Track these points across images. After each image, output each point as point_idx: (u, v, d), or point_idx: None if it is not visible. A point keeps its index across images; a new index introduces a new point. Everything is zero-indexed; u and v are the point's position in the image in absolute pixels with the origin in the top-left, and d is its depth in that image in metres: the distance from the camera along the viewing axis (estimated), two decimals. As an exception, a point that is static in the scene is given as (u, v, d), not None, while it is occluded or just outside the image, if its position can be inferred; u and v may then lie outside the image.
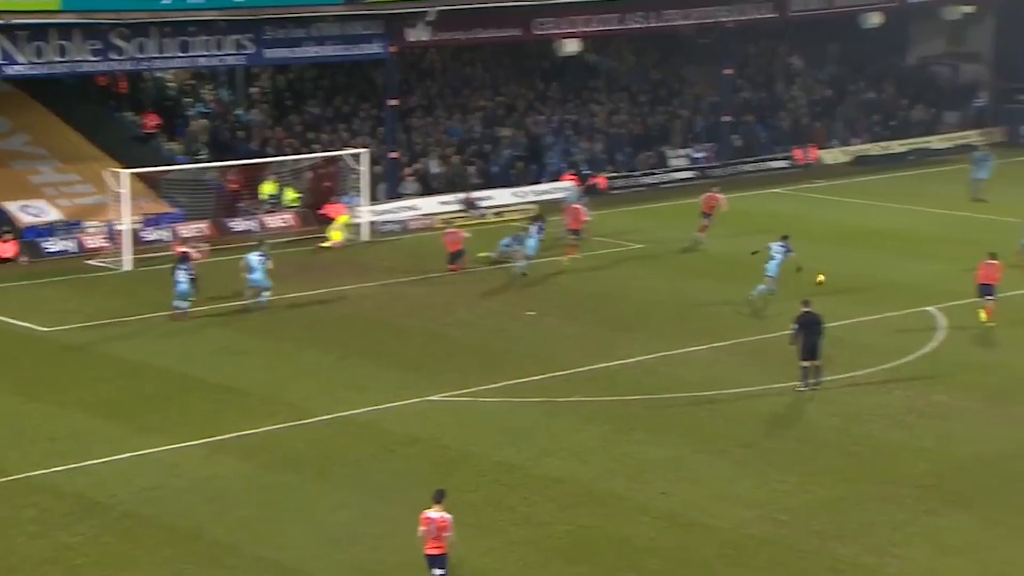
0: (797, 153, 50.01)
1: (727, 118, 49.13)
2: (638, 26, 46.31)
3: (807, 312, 25.09)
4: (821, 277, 30.29)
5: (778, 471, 21.57)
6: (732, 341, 28.35)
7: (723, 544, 19.13)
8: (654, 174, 47.27)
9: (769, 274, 30.23)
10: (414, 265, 35.43)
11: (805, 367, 24.97)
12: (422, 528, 17.39)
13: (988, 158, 42.91)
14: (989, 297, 29.01)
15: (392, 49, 41.18)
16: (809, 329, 24.88)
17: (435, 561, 17.27)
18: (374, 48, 40.93)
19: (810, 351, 24.88)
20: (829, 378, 25.57)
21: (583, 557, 18.88)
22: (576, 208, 35.90)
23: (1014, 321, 29.41)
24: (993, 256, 29.49)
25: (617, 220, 40.86)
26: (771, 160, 49.40)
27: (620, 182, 46.18)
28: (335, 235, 37.39)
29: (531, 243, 33.71)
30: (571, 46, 44.95)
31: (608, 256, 36.38)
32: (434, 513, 17.33)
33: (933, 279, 32.92)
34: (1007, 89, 54.50)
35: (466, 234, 35.70)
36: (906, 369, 26.54)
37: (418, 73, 47.71)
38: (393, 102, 42.09)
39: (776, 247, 30.62)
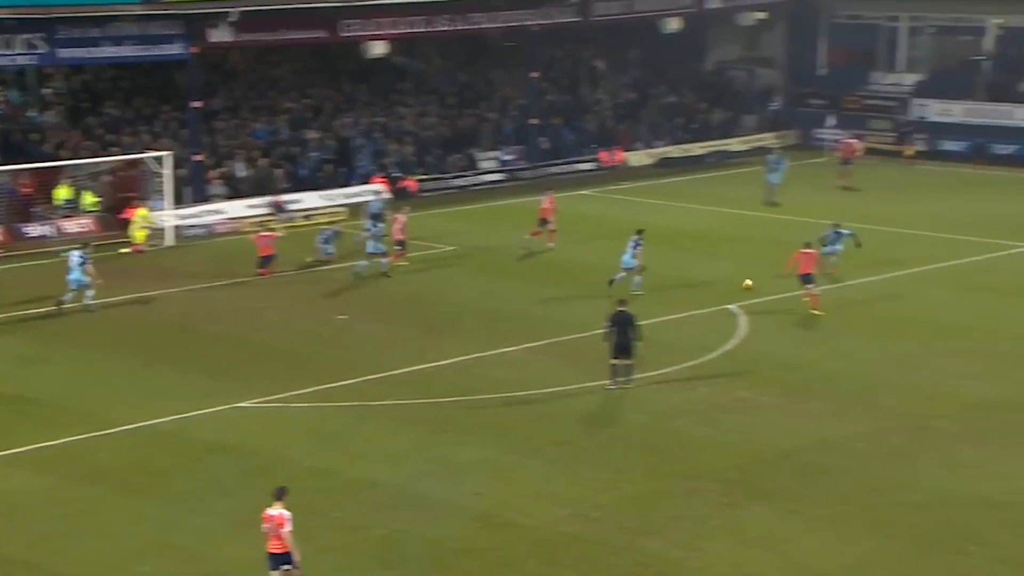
0: (603, 155, 50.93)
1: (534, 121, 49.70)
2: (445, 29, 46.40)
3: (621, 311, 25.52)
4: (748, 282, 30.95)
5: (590, 469, 21.85)
6: (545, 341, 28.59)
7: (536, 542, 19.26)
8: (464, 176, 47.44)
9: (625, 265, 31.95)
10: (221, 269, 34.66)
11: (615, 365, 25.40)
12: (264, 526, 17.42)
13: (781, 161, 44.43)
14: (809, 286, 30.30)
15: (193, 50, 40.19)
16: (621, 328, 25.29)
17: (277, 559, 17.24)
18: (175, 48, 39.89)
19: (622, 349, 25.20)
20: (638, 376, 26.04)
21: (398, 561, 18.75)
22: (398, 218, 35.36)
23: (809, 319, 30.60)
24: (808, 246, 30.93)
25: (428, 223, 40.79)
26: (578, 162, 50.16)
27: (430, 184, 46.18)
28: (138, 234, 36.20)
29: (371, 244, 33.34)
30: (378, 48, 44.72)
31: (420, 259, 36.28)
32: (273, 510, 17.34)
33: (733, 278, 33.97)
34: (800, 93, 56.74)
35: (280, 234, 35.05)
36: (710, 366, 27.21)
37: (222, 74, 46.70)
38: (196, 104, 41.08)
39: (631, 242, 32.25)
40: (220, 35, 40.62)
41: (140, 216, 36.57)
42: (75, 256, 30.37)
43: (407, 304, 31.82)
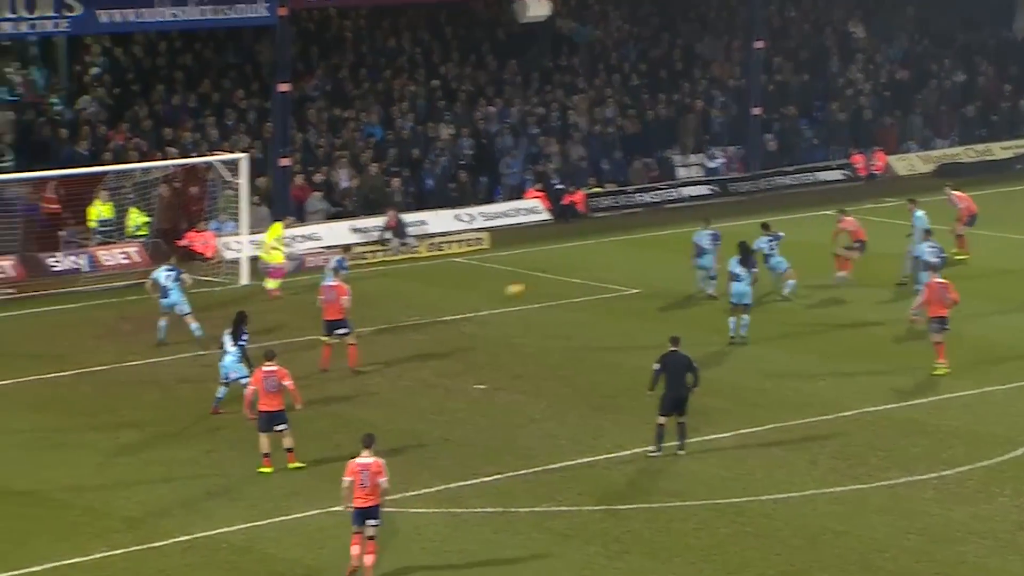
0: (858, 159, 50.49)
1: (757, 111, 49.55)
2: (632, -19, 46.75)
3: (673, 351, 26.80)
4: (515, 288, 32.64)
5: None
6: (769, 426, 28.48)
7: None
8: (655, 190, 47.53)
9: (778, 268, 36.25)
10: (312, 319, 35.31)
11: (663, 425, 26.63)
12: (349, 478, 21.69)
13: (717, 239, 36.35)
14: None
15: (282, 11, 41.28)
16: (675, 373, 26.55)
17: (367, 513, 21.66)
18: (257, 10, 41.06)
19: (674, 404, 26.54)
20: (912, 478, 25.66)
21: None
22: (334, 287, 31.72)
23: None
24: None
25: (599, 253, 40.92)
26: (820, 170, 49.82)
27: (606, 201, 46.37)
28: (274, 256, 36.98)
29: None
30: (538, 9, 45.29)
31: (588, 304, 36.42)
32: (366, 459, 21.70)
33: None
34: None
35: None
36: (1015, 466, 26.69)
37: (321, 47, 47.83)
38: (284, 87, 42.13)
39: (762, 241, 35.76)
40: (319, -10, 41.76)
41: (272, 235, 37.35)
42: (162, 274, 32.57)
43: (570, 369, 31.88)
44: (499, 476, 26.17)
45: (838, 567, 23.06)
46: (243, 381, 27.91)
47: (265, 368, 25.88)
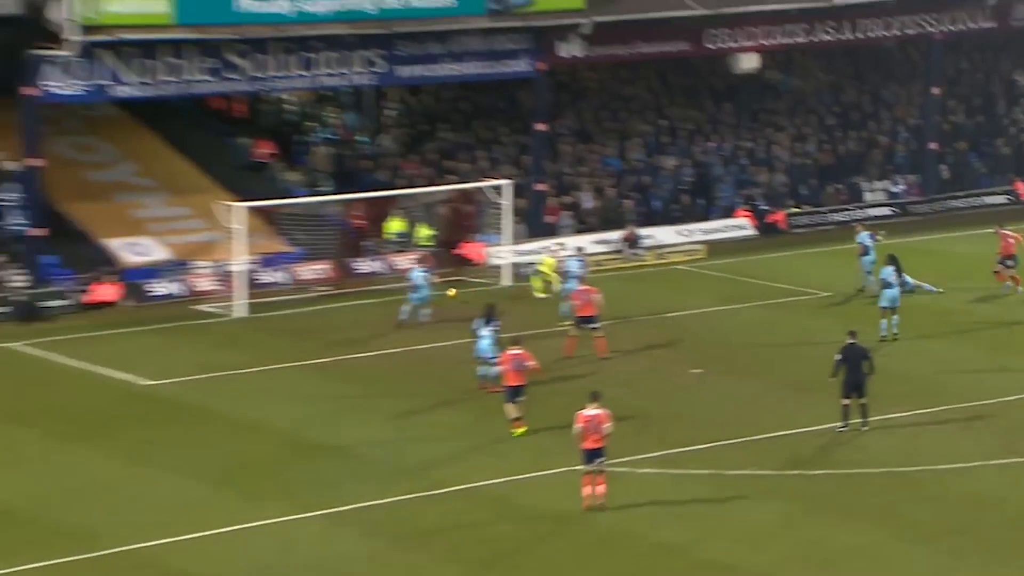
0: (1020, 186, 48.72)
1: (933, 145, 48.08)
2: (829, 39, 45.72)
3: (852, 344, 26.54)
4: (453, 291, 33.11)
5: (1000, 565, 20.83)
6: (942, 407, 27.62)
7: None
8: (845, 210, 46.44)
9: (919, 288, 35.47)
10: (554, 315, 35.34)
11: (847, 405, 26.31)
12: (580, 425, 22.72)
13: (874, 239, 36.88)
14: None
15: (540, 66, 41.39)
16: (853, 362, 26.36)
17: (596, 453, 22.77)
18: (520, 65, 41.22)
19: (854, 387, 26.43)
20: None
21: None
22: (586, 290, 31.63)
23: None
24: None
25: (797, 263, 40.13)
26: (987, 195, 48.18)
27: (804, 219, 45.48)
28: (540, 281, 36.96)
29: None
30: (749, 62, 44.53)
31: (788, 305, 35.76)
32: (593, 410, 22.81)
33: None
34: None
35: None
36: None
37: (570, 93, 47.88)
38: (541, 126, 42.27)
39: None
40: (570, 49, 41.61)
41: (547, 267, 36.98)
42: (419, 274, 34.03)
43: (774, 357, 31.42)
44: (711, 444, 25.90)
45: (999, 526, 22.26)
46: (492, 360, 28.14)
47: (513, 351, 26.25)
